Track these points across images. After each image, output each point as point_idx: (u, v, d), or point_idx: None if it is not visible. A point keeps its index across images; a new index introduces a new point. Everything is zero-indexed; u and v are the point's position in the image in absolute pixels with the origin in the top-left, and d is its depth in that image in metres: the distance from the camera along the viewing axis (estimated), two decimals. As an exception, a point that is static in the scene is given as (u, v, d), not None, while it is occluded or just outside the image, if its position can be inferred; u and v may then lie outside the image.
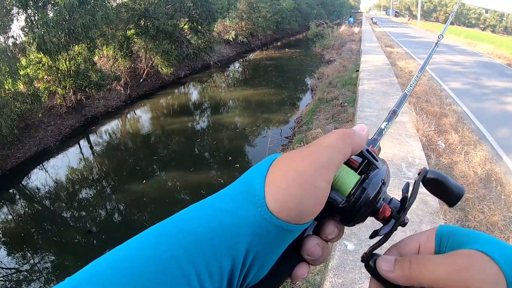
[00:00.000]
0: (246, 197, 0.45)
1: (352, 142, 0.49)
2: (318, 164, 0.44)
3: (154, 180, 10.24)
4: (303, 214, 0.44)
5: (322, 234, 0.52)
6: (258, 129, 13.21)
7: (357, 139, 0.50)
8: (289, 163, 0.45)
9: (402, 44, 27.45)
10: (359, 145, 0.51)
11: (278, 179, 0.44)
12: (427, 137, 7.63)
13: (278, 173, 0.45)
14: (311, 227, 0.52)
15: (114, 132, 15.88)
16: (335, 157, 0.46)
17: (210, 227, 0.44)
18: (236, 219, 0.43)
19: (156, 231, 0.46)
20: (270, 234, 0.43)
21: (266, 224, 0.43)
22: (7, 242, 8.65)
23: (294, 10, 43.79)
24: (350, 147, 0.49)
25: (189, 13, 21.43)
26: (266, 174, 0.46)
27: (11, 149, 12.62)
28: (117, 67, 19.53)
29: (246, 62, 31.26)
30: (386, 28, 46.68)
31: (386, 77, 12.25)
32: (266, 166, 0.47)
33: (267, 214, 0.43)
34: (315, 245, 0.51)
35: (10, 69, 12.42)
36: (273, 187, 0.43)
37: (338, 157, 0.47)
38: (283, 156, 0.48)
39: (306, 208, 0.43)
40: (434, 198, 4.66)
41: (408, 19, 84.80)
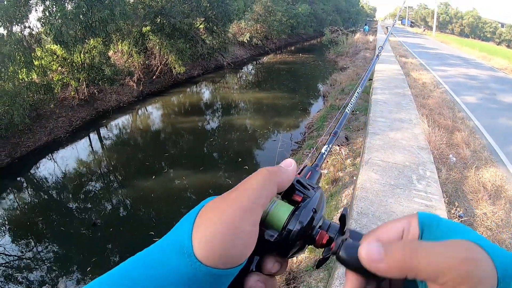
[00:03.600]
0: (177, 248, 0.44)
1: (278, 180, 0.51)
2: (242, 209, 0.45)
3: (162, 177, 10.25)
4: (232, 258, 0.44)
5: (263, 269, 0.53)
6: (269, 133, 13.18)
7: (283, 176, 0.52)
8: (214, 211, 0.46)
9: (417, 54, 27.34)
10: (285, 181, 0.52)
11: (204, 227, 0.45)
12: (439, 150, 7.59)
13: (204, 221, 0.45)
14: (254, 262, 0.52)
15: (125, 127, 15.94)
16: (260, 198, 0.47)
17: (147, 278, 0.43)
18: (168, 271, 0.43)
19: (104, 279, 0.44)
20: (202, 282, 0.43)
21: (197, 273, 0.43)
22: (12, 230, 8.73)
23: (309, 16, 43.74)
24: (275, 185, 0.50)
25: (205, 13, 21.48)
26: (193, 223, 0.46)
27: (22, 138, 12.72)
28: (131, 62, 19.62)
29: (260, 65, 31.27)
30: (401, 37, 46.52)
31: (399, 87, 12.19)
32: (193, 214, 0.48)
33: (196, 263, 0.43)
34: (256, 282, 0.51)
35: (25, 59, 12.52)
36: (200, 236, 0.44)
37: (263, 198, 0.48)
38: (210, 204, 0.49)
39: (234, 253, 0.44)
40: (443, 212, 4.63)
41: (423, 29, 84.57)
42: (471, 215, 5.41)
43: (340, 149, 8.77)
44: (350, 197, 6.24)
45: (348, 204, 6.04)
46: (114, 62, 17.62)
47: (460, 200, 5.85)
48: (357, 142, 9.08)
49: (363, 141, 8.33)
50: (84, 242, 7.88)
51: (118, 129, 15.63)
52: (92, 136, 14.64)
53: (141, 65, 19.86)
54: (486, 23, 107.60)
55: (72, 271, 6.87)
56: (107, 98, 17.36)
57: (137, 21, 18.33)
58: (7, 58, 11.80)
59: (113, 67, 16.79)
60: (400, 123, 8.26)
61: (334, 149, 8.84)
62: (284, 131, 13.08)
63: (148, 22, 18.90)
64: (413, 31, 78.16)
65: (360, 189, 5.19)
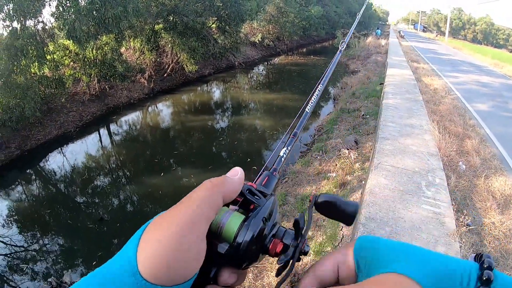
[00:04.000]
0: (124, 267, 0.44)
1: (222, 191, 0.50)
2: (185, 223, 0.45)
3: (171, 175, 10.28)
4: (178, 275, 0.44)
5: (219, 281, 0.52)
6: (278, 133, 13.16)
7: (228, 186, 0.51)
8: (157, 227, 0.46)
9: (429, 60, 27.20)
10: (232, 191, 0.52)
11: (148, 245, 0.44)
12: (449, 157, 7.54)
13: (148, 238, 0.45)
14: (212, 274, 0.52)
15: (135, 124, 16.00)
16: (203, 212, 0.46)
17: None
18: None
19: None
20: None
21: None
22: (19, 221, 8.80)
23: (322, 18, 43.73)
24: (220, 197, 0.49)
25: (218, 12, 21.51)
26: (138, 241, 0.45)
27: (32, 131, 12.83)
28: (142, 60, 19.69)
29: (271, 65, 31.28)
30: (413, 42, 46.32)
31: (411, 92, 12.14)
32: (140, 231, 0.47)
33: (142, 282, 0.42)
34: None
35: (37, 53, 12.61)
36: (144, 254, 0.43)
37: (206, 211, 0.47)
38: (155, 220, 0.48)
39: (179, 269, 0.44)
40: (451, 220, 4.61)
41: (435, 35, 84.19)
42: (479, 224, 5.37)
43: (349, 152, 8.74)
44: (358, 202, 6.23)
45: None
46: (126, 59, 17.68)
47: (468, 208, 5.81)
48: (366, 146, 9.04)
49: (372, 145, 8.30)
50: (91, 237, 7.92)
51: (128, 126, 15.69)
52: (102, 132, 14.71)
53: (153, 62, 19.93)
54: (499, 30, 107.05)
55: (77, 265, 6.91)
56: (118, 94, 17.44)
57: (150, 19, 18.39)
58: (19, 51, 11.89)
59: (125, 63, 16.87)
60: (410, 129, 8.23)
61: (343, 153, 8.82)
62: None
63: (160, 20, 18.96)
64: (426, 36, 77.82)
65: (369, 193, 5.18)
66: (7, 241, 7.81)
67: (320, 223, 6.38)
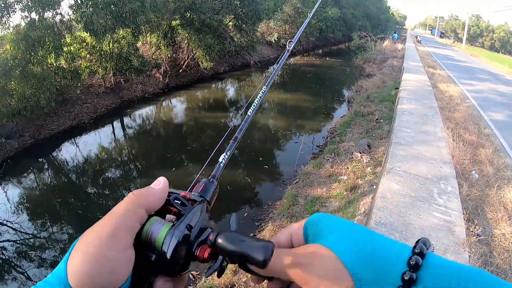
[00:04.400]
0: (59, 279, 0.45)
1: (145, 202, 0.52)
2: (106, 235, 0.46)
3: (182, 170, 10.31)
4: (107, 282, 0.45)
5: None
6: (291, 134, 13.14)
7: (150, 197, 0.53)
8: (83, 241, 0.47)
9: (445, 66, 26.94)
10: (154, 201, 0.54)
11: (75, 258, 0.45)
12: (462, 166, 7.48)
13: (75, 252, 0.46)
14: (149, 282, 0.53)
15: (148, 118, 16.09)
16: (124, 223, 0.48)
17: None
18: None
19: None
20: None
21: None
22: (30, 208, 8.89)
23: (339, 20, 43.56)
24: (142, 208, 0.51)
25: (235, 10, 21.52)
26: (68, 256, 0.47)
27: (46, 120, 12.98)
28: (158, 55, 19.81)
29: (286, 66, 31.20)
30: (430, 48, 45.97)
31: (426, 98, 12.06)
32: (71, 247, 0.48)
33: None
34: None
35: (54, 44, 12.72)
36: (71, 267, 0.45)
37: (128, 222, 0.49)
38: (82, 236, 0.49)
39: (106, 277, 0.45)
40: (461, 229, 4.58)
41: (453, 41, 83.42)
42: (489, 235, 5.32)
43: (362, 156, 8.71)
44: (368, 206, 6.21)
45: (365, 213, 6.01)
46: (142, 53, 17.82)
47: (479, 218, 5.76)
48: (379, 151, 8.99)
49: (385, 150, 8.27)
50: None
51: (142, 119, 15.78)
52: (115, 124, 14.81)
53: (169, 58, 20.03)
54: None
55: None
56: (133, 88, 17.56)
57: (167, 14, 18.46)
58: (37, 42, 12.02)
59: (141, 58, 16.98)
60: (424, 135, 8.18)
61: (355, 156, 8.79)
62: (306, 134, 13.01)
63: (177, 16, 19.02)
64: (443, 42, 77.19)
65: (380, 198, 5.16)
66: (17, 227, 7.90)
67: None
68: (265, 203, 8.24)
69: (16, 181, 10.21)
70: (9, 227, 7.95)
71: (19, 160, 11.05)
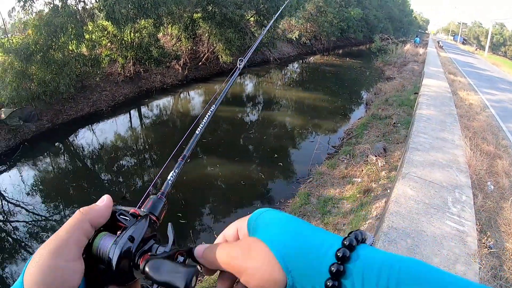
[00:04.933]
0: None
1: (89, 217, 0.56)
2: (55, 248, 0.50)
3: (197, 162, 10.33)
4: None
5: None
6: (307, 133, 13.10)
7: (94, 213, 0.57)
8: (36, 255, 0.50)
9: (466, 74, 26.56)
10: (98, 216, 0.58)
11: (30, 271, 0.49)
12: (478, 176, 7.39)
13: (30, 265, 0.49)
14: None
15: (166, 109, 16.20)
16: (71, 237, 0.52)
17: None
18: None
19: None
20: None
21: None
22: (43, 191, 9.05)
23: (361, 20, 43.28)
24: (87, 223, 0.55)
25: (257, 6, 21.50)
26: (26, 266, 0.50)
27: (65, 106, 13.17)
28: (178, 47, 19.87)
29: (306, 64, 31.17)
30: (452, 54, 45.41)
31: (446, 105, 11.93)
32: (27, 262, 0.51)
33: None
34: None
35: (76, 31, 12.84)
36: (27, 278, 0.48)
37: (75, 236, 0.53)
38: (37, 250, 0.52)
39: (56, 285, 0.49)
40: (473, 240, 4.55)
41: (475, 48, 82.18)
42: (500, 248, 5.27)
43: (377, 159, 8.67)
44: (380, 210, 6.19)
45: (377, 217, 5.99)
46: (162, 44, 17.89)
47: (492, 230, 5.70)
48: (394, 155, 8.93)
49: (401, 154, 8.22)
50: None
51: (159, 110, 15.89)
52: (132, 113, 14.95)
53: (189, 50, 20.12)
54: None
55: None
56: (152, 78, 17.68)
57: (189, 7, 18.49)
58: (59, 28, 12.14)
59: (161, 49, 17.06)
60: (442, 142, 8.11)
61: (370, 159, 8.76)
62: (322, 134, 12.94)
63: (199, 9, 19.07)
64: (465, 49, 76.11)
65: (393, 203, 5.14)
66: (30, 209, 8.04)
67: (340, 227, 6.37)
68: (277, 200, 8.24)
69: (31, 163, 10.37)
70: (22, 207, 8.09)
71: (36, 143, 11.23)
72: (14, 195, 8.64)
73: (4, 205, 8.38)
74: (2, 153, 10.53)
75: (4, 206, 8.34)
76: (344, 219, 6.62)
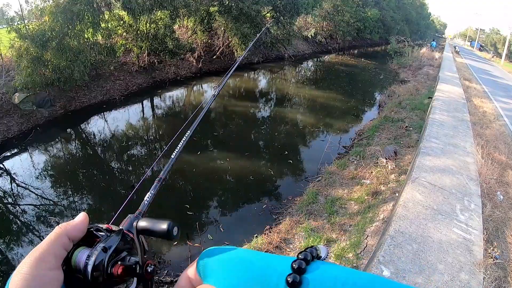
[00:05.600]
0: None
1: (67, 232, 0.62)
2: (35, 258, 0.56)
3: (207, 155, 10.35)
4: None
5: None
6: (318, 132, 13.03)
7: (71, 228, 0.63)
8: (20, 264, 0.56)
9: (481, 81, 26.27)
10: (75, 231, 0.63)
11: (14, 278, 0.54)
12: (488, 185, 7.33)
13: (14, 273, 0.55)
14: None
15: (178, 100, 16.26)
16: (50, 248, 0.58)
17: None
18: None
19: None
20: None
21: None
22: (53, 176, 9.12)
23: (378, 21, 43.05)
24: (65, 237, 0.61)
25: (274, 2, 21.42)
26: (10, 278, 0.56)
27: (78, 93, 13.28)
28: (194, 39, 19.92)
29: (320, 62, 31.06)
30: (468, 60, 44.98)
31: (459, 111, 11.85)
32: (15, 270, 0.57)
33: None
34: None
35: (93, 20, 12.90)
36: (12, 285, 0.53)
37: (54, 248, 0.59)
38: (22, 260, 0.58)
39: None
40: (479, 249, 4.53)
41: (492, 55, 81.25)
42: (506, 259, 5.23)
43: (387, 162, 8.64)
44: (388, 213, 6.17)
45: (384, 220, 5.98)
46: (177, 36, 17.94)
47: (499, 240, 5.64)
48: (405, 159, 8.88)
49: (412, 158, 8.19)
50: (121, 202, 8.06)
51: (172, 101, 15.96)
52: (145, 103, 15.04)
53: (204, 43, 20.15)
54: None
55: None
56: (166, 70, 17.75)
57: (206, 0, 18.51)
58: (75, 16, 12.20)
59: (176, 41, 17.15)
60: (453, 148, 8.07)
61: (380, 161, 8.73)
62: (334, 133, 12.86)
63: (216, 3, 19.07)
64: (481, 55, 75.30)
65: (401, 206, 5.13)
66: (39, 193, 8.11)
67: (346, 228, 6.37)
68: (285, 197, 8.22)
69: (43, 148, 10.49)
70: (31, 191, 8.17)
71: (48, 129, 11.35)
72: (24, 178, 8.73)
73: (13, 187, 8.47)
74: (14, 137, 10.65)
75: (13, 188, 8.42)
76: (351, 220, 6.62)
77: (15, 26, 11.64)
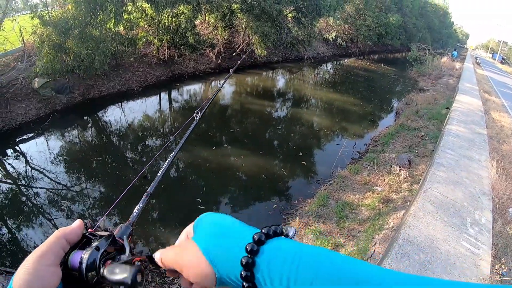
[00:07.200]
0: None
1: (65, 235, 0.69)
2: (38, 256, 0.63)
3: (221, 151, 10.42)
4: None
5: None
6: (333, 135, 12.98)
7: (68, 231, 0.70)
8: (24, 261, 0.63)
9: (501, 94, 25.96)
10: (72, 234, 0.71)
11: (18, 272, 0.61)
12: (500, 200, 7.29)
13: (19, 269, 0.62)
14: None
15: (196, 95, 16.33)
16: (50, 248, 0.66)
17: None
18: None
19: None
20: None
21: None
22: (68, 161, 9.28)
23: (399, 28, 42.69)
24: (63, 239, 0.69)
25: (296, 2, 21.35)
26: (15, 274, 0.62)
27: (97, 82, 13.47)
28: (214, 35, 20.00)
29: (339, 66, 30.94)
30: (489, 72, 44.40)
31: (476, 124, 11.75)
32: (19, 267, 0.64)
33: None
34: None
35: (115, 10, 13.01)
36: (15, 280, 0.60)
37: (53, 247, 0.66)
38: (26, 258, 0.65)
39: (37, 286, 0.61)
40: (487, 264, 4.51)
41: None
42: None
43: (400, 170, 8.62)
44: (397, 221, 6.17)
45: (393, 228, 5.98)
46: (198, 31, 18.01)
47: (507, 258, 5.60)
48: (418, 168, 8.84)
49: (426, 168, 8.16)
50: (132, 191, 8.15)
51: (189, 95, 16.05)
52: (163, 96, 15.17)
53: (224, 39, 20.22)
54: None
55: (113, 214, 7.11)
56: (185, 64, 17.85)
57: (229, -3, 18.61)
58: (98, 6, 12.31)
59: (197, 36, 17.22)
60: (468, 161, 8.02)
61: (394, 169, 8.71)
62: (349, 138, 12.79)
63: (238, 0, 19.08)
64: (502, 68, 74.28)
65: (412, 216, 5.14)
66: (53, 177, 8.26)
67: (355, 233, 6.38)
68: (295, 199, 8.24)
69: (59, 133, 10.67)
70: (45, 175, 8.32)
71: (65, 115, 11.54)
72: (40, 162, 8.91)
73: (28, 170, 8.64)
74: (32, 121, 10.85)
75: (28, 172, 8.58)
76: (360, 226, 6.62)
77: (39, 13, 11.78)
